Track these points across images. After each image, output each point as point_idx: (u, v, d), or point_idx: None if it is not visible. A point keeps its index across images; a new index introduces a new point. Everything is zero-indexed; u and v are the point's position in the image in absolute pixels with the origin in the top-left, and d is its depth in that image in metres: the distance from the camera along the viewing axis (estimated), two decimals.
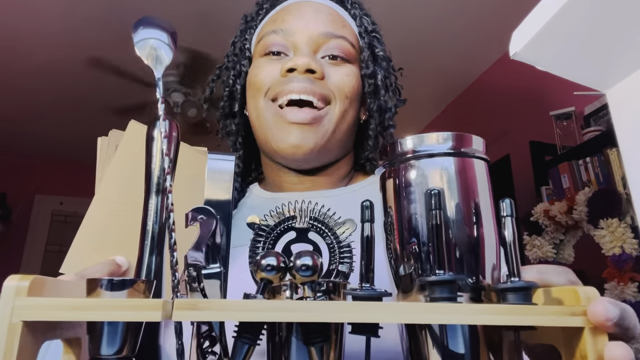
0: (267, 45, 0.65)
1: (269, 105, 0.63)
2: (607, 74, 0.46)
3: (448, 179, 0.32)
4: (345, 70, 0.65)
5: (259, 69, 0.65)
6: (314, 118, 0.61)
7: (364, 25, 0.70)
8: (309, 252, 0.30)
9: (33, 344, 0.26)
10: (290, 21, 0.65)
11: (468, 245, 0.31)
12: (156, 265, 0.28)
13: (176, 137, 0.30)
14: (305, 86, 0.60)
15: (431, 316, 0.26)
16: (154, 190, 0.29)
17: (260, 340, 0.30)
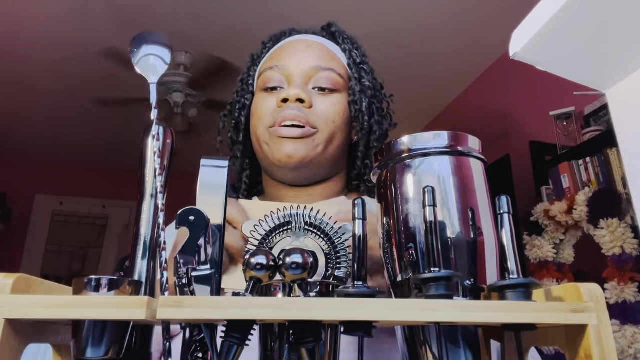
0: (266, 81, 0.75)
1: (266, 131, 0.72)
2: (607, 74, 0.46)
3: (444, 177, 0.32)
4: (332, 99, 0.74)
5: (259, 103, 0.75)
6: (303, 133, 0.69)
7: (352, 58, 0.80)
8: (299, 250, 0.29)
9: (16, 343, 0.26)
10: (284, 58, 0.76)
11: (465, 244, 0.30)
12: (148, 268, 0.28)
13: (170, 144, 0.30)
14: (296, 113, 0.70)
15: (426, 313, 0.26)
16: (148, 195, 0.28)
17: (249, 340, 0.29)
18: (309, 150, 0.70)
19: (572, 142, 2.21)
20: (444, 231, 0.31)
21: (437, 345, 0.27)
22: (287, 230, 0.34)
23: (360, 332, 0.27)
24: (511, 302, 0.26)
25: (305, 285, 0.29)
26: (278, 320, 0.30)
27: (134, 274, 0.28)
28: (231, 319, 0.28)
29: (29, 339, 0.27)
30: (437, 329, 0.27)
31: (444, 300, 0.26)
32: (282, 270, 0.29)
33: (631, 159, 0.47)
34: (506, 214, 0.28)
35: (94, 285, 0.27)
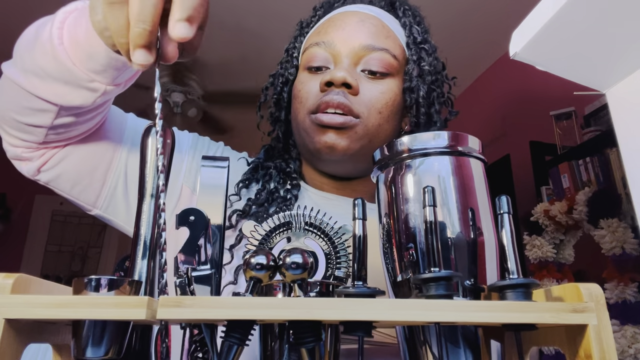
0: (310, 59, 0.68)
1: (307, 117, 0.66)
2: (607, 74, 0.46)
3: (444, 178, 0.32)
4: (382, 86, 0.66)
5: (302, 85, 0.68)
6: (344, 122, 0.63)
7: (412, 36, 0.70)
8: (299, 250, 0.29)
9: (16, 343, 0.26)
10: (332, 33, 0.67)
11: (465, 244, 0.30)
12: (148, 268, 0.28)
13: (170, 144, 0.30)
14: (340, 100, 0.63)
15: (426, 313, 0.25)
16: (148, 195, 0.29)
17: (249, 340, 0.29)
18: (351, 142, 0.64)
19: (572, 142, 2.21)
20: (444, 231, 0.31)
21: (437, 345, 0.27)
22: (287, 231, 0.34)
23: (360, 332, 0.27)
24: (511, 302, 0.26)
25: (305, 285, 0.30)
26: (278, 320, 0.30)
27: (134, 273, 0.28)
28: (231, 319, 0.28)
29: (29, 338, 0.27)
30: (437, 329, 0.27)
31: (443, 300, 0.26)
32: (282, 270, 0.29)
33: (631, 159, 0.47)
34: (506, 214, 0.28)
35: (94, 285, 0.27)
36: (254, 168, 0.71)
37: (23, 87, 0.53)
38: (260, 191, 0.67)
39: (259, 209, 0.65)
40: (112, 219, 0.71)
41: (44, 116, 0.55)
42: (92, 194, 0.67)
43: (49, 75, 0.52)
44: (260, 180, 0.70)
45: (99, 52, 0.49)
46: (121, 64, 0.51)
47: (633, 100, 0.46)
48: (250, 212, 0.64)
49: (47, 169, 0.63)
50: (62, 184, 0.66)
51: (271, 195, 0.67)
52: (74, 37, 0.50)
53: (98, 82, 0.52)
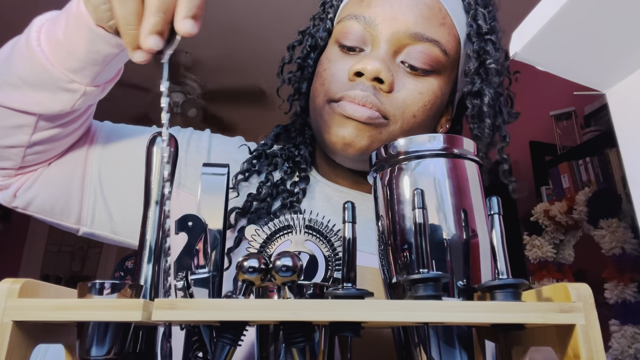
0: (344, 33, 0.57)
1: (327, 104, 0.57)
2: (607, 74, 0.46)
3: (439, 180, 0.32)
4: (422, 86, 0.56)
5: (329, 63, 0.58)
6: (370, 117, 0.54)
7: (477, 24, 0.58)
8: (289, 253, 0.30)
9: (24, 344, 0.27)
10: (376, 8, 0.56)
11: (460, 245, 0.31)
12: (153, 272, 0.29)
13: (174, 152, 0.31)
14: (368, 96, 0.53)
15: (412, 314, 0.26)
16: (153, 201, 0.30)
17: (241, 341, 0.30)
18: (371, 142, 0.55)
19: (572, 142, 2.21)
20: (440, 233, 0.31)
21: (429, 346, 0.27)
22: (288, 234, 0.35)
23: (348, 332, 0.28)
24: (497, 302, 0.27)
25: (295, 287, 0.31)
26: (268, 321, 0.31)
27: (140, 278, 0.29)
28: (223, 320, 0.29)
29: (38, 339, 0.29)
30: (427, 329, 0.27)
31: (430, 301, 0.27)
32: (273, 273, 0.30)
33: (631, 159, 0.48)
34: (496, 215, 0.29)
35: (98, 288, 0.28)
36: (257, 156, 0.62)
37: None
38: (263, 184, 0.59)
39: (261, 205, 0.57)
40: (100, 233, 0.64)
41: (21, 133, 0.52)
42: (74, 211, 0.62)
43: (25, 83, 0.49)
44: (263, 171, 0.61)
45: (78, 47, 0.46)
46: (101, 58, 0.48)
47: (633, 100, 0.46)
48: (251, 210, 0.56)
49: (22, 192, 0.59)
50: (42, 206, 0.61)
51: (276, 188, 0.59)
52: (52, 37, 0.48)
53: (77, 82, 0.49)
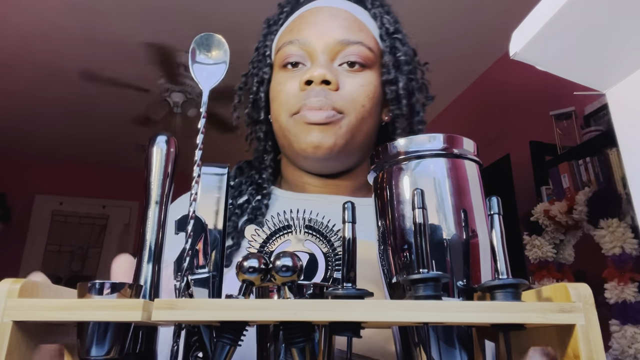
0: (285, 57, 0.67)
1: (290, 119, 0.65)
2: (607, 74, 0.46)
3: (439, 180, 0.32)
4: (361, 79, 0.65)
5: (280, 85, 0.67)
6: (328, 117, 0.62)
7: (384, 27, 0.70)
8: (289, 253, 0.30)
9: (24, 345, 0.27)
10: (305, 30, 0.66)
11: (460, 245, 0.31)
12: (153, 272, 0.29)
13: (174, 153, 0.31)
14: (321, 100, 0.62)
15: (412, 314, 0.26)
16: (153, 202, 0.30)
17: (241, 341, 0.30)
18: (337, 137, 0.63)
19: (572, 142, 2.21)
20: (439, 233, 0.31)
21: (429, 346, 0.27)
22: (288, 234, 0.35)
23: (348, 332, 0.28)
24: (497, 302, 0.27)
25: (295, 287, 0.31)
26: (267, 321, 0.31)
27: (140, 278, 0.29)
28: (223, 320, 0.29)
29: (39, 339, 0.29)
30: (426, 329, 0.27)
31: (429, 301, 0.27)
32: (273, 273, 0.30)
33: (631, 159, 0.47)
34: (496, 215, 0.29)
35: (97, 288, 0.28)
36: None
37: None
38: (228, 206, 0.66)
39: (228, 223, 0.63)
40: None
41: None
42: None
43: None
44: (230, 198, 0.66)
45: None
46: None
47: (633, 100, 0.46)
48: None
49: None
50: None
51: (240, 208, 0.66)
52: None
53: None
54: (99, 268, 4.41)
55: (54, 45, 2.87)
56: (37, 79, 3.24)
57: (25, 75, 3.20)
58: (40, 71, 3.15)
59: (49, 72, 3.15)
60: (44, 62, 3.05)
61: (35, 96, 3.46)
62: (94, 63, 3.04)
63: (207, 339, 0.30)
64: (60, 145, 4.35)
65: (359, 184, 0.70)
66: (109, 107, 3.56)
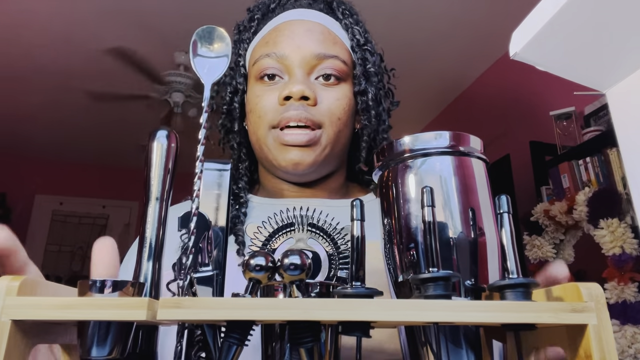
0: (261, 70, 0.67)
1: (268, 131, 0.66)
2: (607, 74, 0.46)
3: (445, 178, 0.32)
4: (337, 93, 0.67)
5: (258, 98, 0.67)
6: (310, 140, 0.64)
7: (355, 38, 0.71)
8: (297, 251, 0.30)
9: (23, 344, 0.26)
10: (282, 43, 0.67)
11: (467, 244, 0.31)
12: (153, 270, 0.29)
13: (175, 148, 0.31)
14: (301, 114, 0.63)
15: (422, 313, 0.26)
16: (153, 198, 0.29)
17: (248, 340, 0.30)
18: (316, 155, 0.65)
19: (572, 142, 2.21)
20: (446, 231, 0.31)
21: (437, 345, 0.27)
22: (291, 232, 0.34)
23: (357, 332, 0.28)
24: (509, 302, 0.26)
25: (303, 285, 0.30)
26: (276, 320, 0.30)
27: (140, 276, 0.28)
28: (230, 320, 0.29)
29: (37, 339, 0.28)
30: (436, 329, 0.27)
31: (440, 301, 0.26)
32: (281, 271, 0.30)
33: (631, 159, 0.47)
34: (506, 214, 0.29)
35: (98, 286, 0.27)
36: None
37: None
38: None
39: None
40: None
41: None
42: None
43: None
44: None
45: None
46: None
47: (633, 100, 0.46)
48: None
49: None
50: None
51: None
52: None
53: None
54: None
55: (57, 47, 2.86)
56: (37, 79, 3.24)
57: (25, 76, 3.19)
58: (42, 72, 3.14)
59: (51, 72, 3.14)
60: (45, 63, 3.04)
61: (36, 97, 3.46)
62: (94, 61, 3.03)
63: (211, 339, 0.29)
64: (60, 145, 4.35)
65: (336, 187, 0.72)
66: (109, 106, 3.55)
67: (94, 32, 2.74)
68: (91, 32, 2.74)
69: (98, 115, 3.73)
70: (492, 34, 2.61)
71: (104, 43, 2.82)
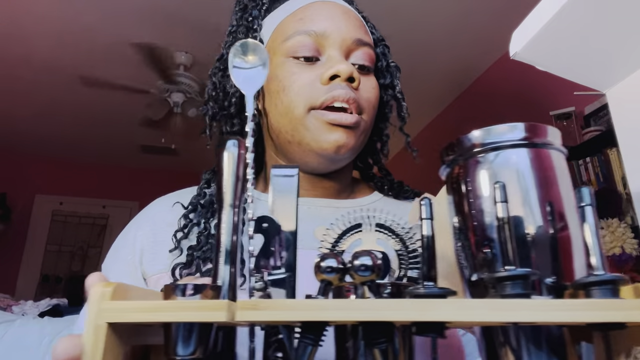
0: (298, 48, 0.62)
1: (307, 112, 0.61)
2: (607, 74, 0.47)
3: (523, 171, 0.31)
4: (371, 82, 0.65)
5: (295, 75, 0.61)
6: (356, 121, 0.60)
7: (375, 33, 0.70)
8: (368, 252, 0.30)
9: (118, 345, 0.28)
10: (321, 22, 0.62)
11: (546, 240, 0.29)
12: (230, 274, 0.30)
13: (244, 155, 0.32)
14: (348, 93, 0.59)
15: (500, 313, 0.25)
16: (227, 205, 0.30)
17: (322, 341, 0.30)
18: (356, 139, 0.62)
19: (572, 142, 2.23)
20: (524, 227, 0.30)
21: (518, 347, 0.27)
22: (358, 233, 0.35)
23: (432, 333, 0.28)
24: (595, 300, 0.25)
25: (374, 286, 0.30)
26: (349, 321, 0.30)
27: (217, 279, 0.30)
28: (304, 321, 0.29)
29: (129, 340, 0.30)
30: (515, 330, 0.27)
31: (519, 300, 0.26)
32: (351, 272, 0.30)
33: (631, 159, 0.48)
34: (588, 207, 0.28)
35: (181, 290, 0.29)
36: (192, 210, 0.64)
37: None
38: (201, 234, 0.61)
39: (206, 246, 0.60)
40: None
41: None
42: None
43: None
44: (201, 222, 0.63)
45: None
46: None
47: (633, 100, 0.46)
48: (193, 262, 0.58)
49: None
50: None
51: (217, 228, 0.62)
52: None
53: None
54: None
55: (58, 47, 2.84)
56: (37, 79, 3.21)
57: (25, 75, 3.17)
58: (42, 72, 3.12)
59: (51, 72, 3.13)
60: (46, 63, 3.02)
61: (36, 97, 3.44)
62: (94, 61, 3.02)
63: (287, 339, 0.30)
64: (60, 145, 4.32)
65: (344, 185, 0.69)
66: (109, 107, 3.54)
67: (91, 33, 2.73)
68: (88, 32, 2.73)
69: (99, 115, 3.71)
70: (492, 33, 2.63)
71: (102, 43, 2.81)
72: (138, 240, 0.64)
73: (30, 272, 4.33)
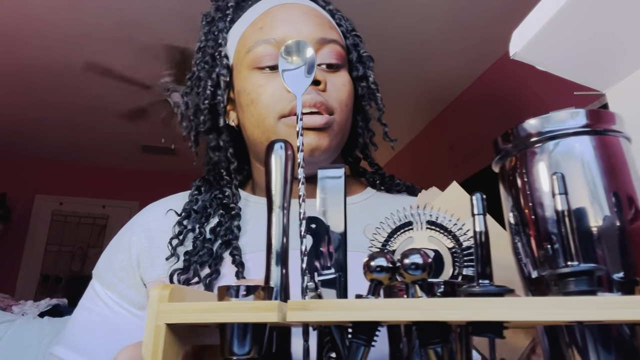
0: (260, 58, 0.62)
1: (278, 121, 0.61)
2: (607, 74, 0.46)
3: (587, 160, 0.29)
4: (341, 78, 0.64)
5: (261, 87, 0.62)
6: (326, 122, 0.60)
7: (344, 24, 0.69)
8: (418, 250, 0.29)
9: (176, 345, 0.29)
10: (280, 28, 0.62)
11: (615, 233, 0.28)
12: (281, 275, 0.30)
13: (291, 156, 0.32)
14: (314, 97, 0.59)
15: (562, 312, 0.23)
16: (277, 207, 0.31)
17: (374, 341, 0.29)
18: (330, 140, 0.61)
19: None
20: (590, 220, 0.28)
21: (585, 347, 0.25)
22: (409, 231, 0.35)
23: (490, 333, 0.26)
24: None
25: (427, 285, 0.30)
26: (402, 321, 0.30)
27: (270, 280, 0.30)
28: (355, 321, 0.29)
29: (187, 340, 0.31)
30: (581, 329, 0.26)
31: (583, 297, 0.24)
32: (402, 271, 0.29)
33: None
34: None
35: (234, 291, 0.30)
36: (186, 216, 0.64)
37: None
38: (196, 239, 0.61)
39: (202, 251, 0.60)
40: None
41: None
42: None
43: None
44: (195, 227, 0.63)
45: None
46: None
47: (633, 100, 0.46)
48: (190, 268, 0.58)
49: None
50: None
51: (213, 232, 0.62)
52: None
53: None
54: None
55: (59, 48, 2.83)
56: (39, 81, 3.20)
57: (25, 75, 3.15)
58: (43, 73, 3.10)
59: (52, 73, 3.11)
60: (47, 64, 3.01)
61: (36, 97, 3.42)
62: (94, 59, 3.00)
63: (339, 339, 0.30)
64: (60, 146, 4.31)
65: None
66: (110, 107, 3.52)
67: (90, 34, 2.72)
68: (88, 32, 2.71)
69: (99, 115, 3.69)
70: (492, 33, 2.64)
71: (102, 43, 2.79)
72: (133, 245, 0.64)
73: (30, 272, 4.31)
